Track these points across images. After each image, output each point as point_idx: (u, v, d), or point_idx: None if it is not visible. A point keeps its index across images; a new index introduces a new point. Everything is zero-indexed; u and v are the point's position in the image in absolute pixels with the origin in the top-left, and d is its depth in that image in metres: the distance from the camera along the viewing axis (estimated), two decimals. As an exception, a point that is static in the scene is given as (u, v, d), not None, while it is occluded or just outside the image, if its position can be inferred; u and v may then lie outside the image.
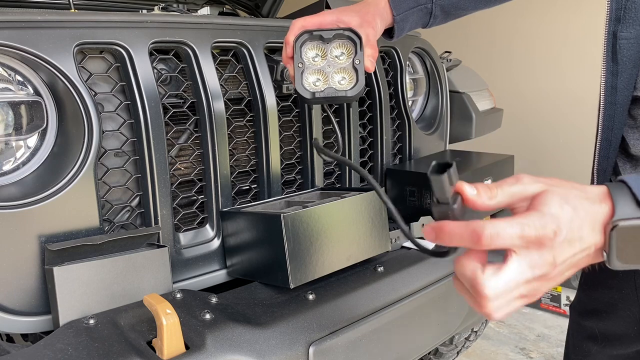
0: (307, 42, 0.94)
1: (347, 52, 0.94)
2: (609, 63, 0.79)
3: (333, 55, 0.94)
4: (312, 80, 0.94)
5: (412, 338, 1.25)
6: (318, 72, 0.94)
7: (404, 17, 1.01)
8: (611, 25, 0.78)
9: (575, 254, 0.57)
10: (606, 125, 0.81)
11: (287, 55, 0.94)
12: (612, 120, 0.80)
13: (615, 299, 0.93)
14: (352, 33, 0.92)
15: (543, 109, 3.22)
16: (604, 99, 0.80)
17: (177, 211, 1.18)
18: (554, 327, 2.77)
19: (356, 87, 0.93)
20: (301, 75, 0.93)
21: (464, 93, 1.88)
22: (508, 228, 0.55)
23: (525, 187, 0.59)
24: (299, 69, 0.93)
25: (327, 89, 0.93)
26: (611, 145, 0.82)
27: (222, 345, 0.92)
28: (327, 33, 0.93)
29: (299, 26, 0.93)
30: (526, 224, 0.55)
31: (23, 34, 0.92)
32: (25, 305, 0.96)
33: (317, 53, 0.94)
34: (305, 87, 0.93)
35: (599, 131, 0.82)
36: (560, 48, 3.08)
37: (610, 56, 0.78)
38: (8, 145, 0.97)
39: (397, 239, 1.38)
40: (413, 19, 1.02)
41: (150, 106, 1.06)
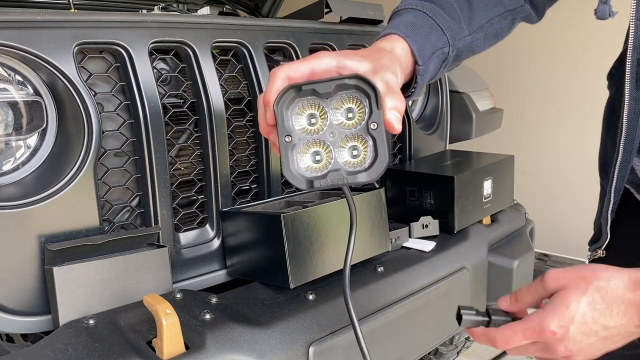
0: (295, 102, 0.63)
1: (357, 111, 0.64)
2: (632, 90, 0.79)
3: (337, 117, 0.64)
4: (308, 159, 0.64)
5: (412, 338, 1.25)
6: (316, 145, 0.64)
7: (427, 67, 0.80)
8: (636, 52, 0.78)
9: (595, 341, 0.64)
10: (626, 149, 0.82)
11: (268, 123, 0.64)
12: (632, 143, 0.81)
13: None
14: (362, 82, 0.62)
15: (543, 109, 3.22)
16: (627, 124, 0.80)
17: (177, 211, 1.18)
18: (554, 327, 2.76)
19: (376, 165, 0.62)
20: (290, 155, 0.62)
21: (464, 93, 1.88)
22: (513, 335, 0.66)
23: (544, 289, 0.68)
24: (286, 144, 0.62)
25: (331, 172, 0.63)
26: (628, 165, 0.83)
27: (222, 345, 0.92)
28: (323, 85, 0.62)
29: (281, 78, 0.64)
30: (526, 328, 0.65)
31: (23, 33, 0.92)
32: (25, 305, 0.96)
33: (313, 117, 0.64)
34: (297, 171, 0.63)
35: (620, 153, 0.83)
36: (560, 48, 3.08)
37: (635, 83, 0.78)
38: (8, 145, 0.97)
39: (397, 239, 1.38)
40: (432, 67, 0.81)
41: (150, 106, 1.06)
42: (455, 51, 0.84)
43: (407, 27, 0.78)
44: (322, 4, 1.50)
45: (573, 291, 0.63)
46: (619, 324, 0.63)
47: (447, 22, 0.81)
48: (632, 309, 0.62)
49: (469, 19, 0.85)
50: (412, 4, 0.83)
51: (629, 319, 0.62)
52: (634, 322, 0.63)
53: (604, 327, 0.63)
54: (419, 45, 0.77)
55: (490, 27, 0.88)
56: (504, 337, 0.66)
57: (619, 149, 0.82)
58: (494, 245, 1.52)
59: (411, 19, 0.80)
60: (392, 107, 0.63)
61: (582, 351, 0.65)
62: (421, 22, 0.80)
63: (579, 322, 0.62)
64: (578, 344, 0.64)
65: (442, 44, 0.81)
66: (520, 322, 0.66)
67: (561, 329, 0.62)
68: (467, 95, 1.87)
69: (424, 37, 0.78)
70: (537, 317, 0.64)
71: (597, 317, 0.62)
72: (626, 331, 0.63)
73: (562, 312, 0.63)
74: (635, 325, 0.63)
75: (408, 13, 0.82)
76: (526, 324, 0.65)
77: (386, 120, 0.62)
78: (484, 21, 0.87)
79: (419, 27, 0.79)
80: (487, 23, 0.87)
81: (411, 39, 0.76)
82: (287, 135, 0.62)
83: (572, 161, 3.08)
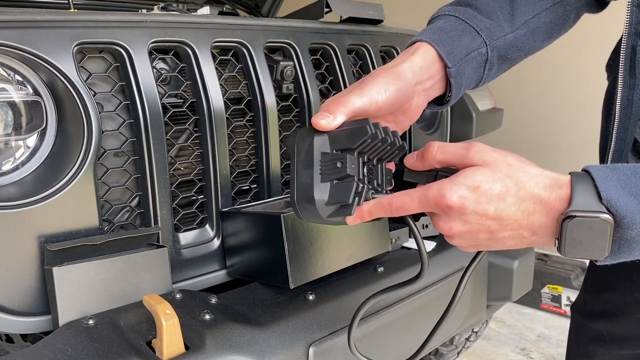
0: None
1: None
2: (626, 77, 0.78)
3: None
4: None
5: (412, 338, 1.24)
6: None
7: (460, 69, 0.78)
8: (630, 39, 0.77)
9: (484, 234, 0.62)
10: (620, 136, 0.80)
11: None
12: (626, 131, 0.79)
13: (627, 301, 0.92)
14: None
15: (543, 109, 3.22)
16: (619, 112, 0.79)
17: (177, 211, 1.18)
18: (554, 328, 2.76)
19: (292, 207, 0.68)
20: None
21: (464, 93, 1.87)
22: (409, 201, 0.63)
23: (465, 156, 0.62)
24: None
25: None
26: (622, 154, 0.81)
27: (221, 345, 0.92)
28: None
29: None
30: (424, 194, 0.62)
31: (23, 33, 0.92)
32: (24, 305, 0.96)
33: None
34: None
35: (612, 142, 0.81)
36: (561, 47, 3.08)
37: (628, 70, 0.77)
38: (7, 145, 0.97)
39: (397, 239, 1.38)
40: (469, 71, 0.80)
41: (150, 106, 1.06)
42: (495, 51, 0.82)
43: (434, 33, 0.78)
44: (322, 3, 1.50)
45: (492, 173, 0.59)
46: (516, 224, 0.60)
47: (482, 22, 0.80)
48: (540, 210, 0.59)
49: (510, 17, 0.83)
50: (444, 10, 0.83)
51: (529, 222, 0.60)
52: (531, 228, 0.60)
53: (500, 219, 0.60)
54: (447, 48, 0.76)
55: (537, 22, 0.85)
56: (400, 201, 0.63)
57: (612, 137, 0.81)
58: (494, 246, 1.52)
59: (441, 24, 0.80)
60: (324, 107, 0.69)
61: (464, 235, 0.62)
62: (452, 26, 0.79)
63: (481, 206, 0.59)
64: (467, 225, 0.61)
65: (477, 45, 0.80)
66: (420, 189, 0.62)
67: (460, 202, 0.59)
68: (467, 95, 1.87)
69: (455, 40, 0.78)
70: (439, 184, 0.61)
71: (500, 208, 0.59)
72: (518, 234, 0.61)
73: (469, 188, 0.59)
74: (531, 232, 0.60)
75: (439, 20, 0.82)
76: (425, 190, 0.62)
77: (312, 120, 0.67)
78: (528, 16, 0.84)
79: (448, 31, 0.78)
80: (532, 18, 0.84)
81: (438, 43, 0.76)
82: None
83: (573, 161, 3.08)
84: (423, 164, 0.66)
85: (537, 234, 0.61)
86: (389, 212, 0.65)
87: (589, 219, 0.57)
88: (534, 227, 0.60)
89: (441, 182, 0.61)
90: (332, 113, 0.67)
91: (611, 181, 0.58)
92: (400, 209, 0.64)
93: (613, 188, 0.57)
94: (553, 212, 0.59)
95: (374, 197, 0.66)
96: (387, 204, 0.64)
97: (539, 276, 2.86)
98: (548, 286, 2.89)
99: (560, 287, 2.84)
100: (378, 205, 0.65)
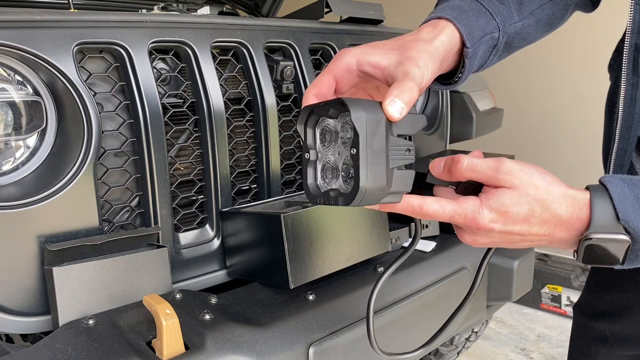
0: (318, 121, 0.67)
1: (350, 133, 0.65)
2: (629, 75, 0.78)
3: (343, 137, 0.66)
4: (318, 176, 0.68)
5: (412, 338, 1.24)
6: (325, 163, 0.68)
7: (475, 51, 0.76)
8: (633, 37, 0.77)
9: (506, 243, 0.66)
10: (623, 135, 0.80)
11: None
12: (629, 130, 0.79)
13: (631, 301, 0.91)
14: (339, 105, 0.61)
15: (544, 109, 3.22)
16: (623, 111, 0.79)
17: (177, 211, 1.18)
18: (554, 328, 2.76)
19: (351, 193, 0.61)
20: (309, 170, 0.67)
21: (464, 93, 1.88)
22: (440, 212, 0.63)
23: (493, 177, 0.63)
24: (305, 161, 0.68)
25: (330, 191, 0.65)
26: (626, 153, 0.81)
27: (221, 345, 0.92)
28: (320, 108, 0.65)
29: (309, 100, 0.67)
30: (458, 213, 0.63)
31: (22, 33, 0.92)
32: (24, 305, 0.96)
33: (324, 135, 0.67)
34: (310, 186, 0.67)
35: (616, 141, 0.81)
36: (561, 47, 3.08)
37: (632, 68, 0.77)
38: (7, 145, 0.96)
39: (397, 239, 1.38)
40: (481, 52, 0.78)
41: (150, 106, 1.06)
42: (505, 37, 0.81)
43: (454, 11, 0.75)
44: (322, 3, 1.50)
45: (519, 197, 0.62)
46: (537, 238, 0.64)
47: (496, 6, 0.79)
48: (562, 229, 0.63)
49: (518, 5, 0.83)
50: None
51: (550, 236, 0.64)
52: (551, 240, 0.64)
53: (523, 235, 0.64)
54: (467, 28, 0.75)
55: (541, 13, 0.86)
56: (431, 209, 0.64)
57: (615, 136, 0.81)
58: (494, 246, 1.52)
59: (458, 3, 0.77)
60: (395, 95, 0.61)
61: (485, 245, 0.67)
62: (469, 6, 0.77)
63: (507, 227, 0.63)
64: (490, 239, 0.65)
65: (491, 29, 0.78)
66: (453, 204, 0.64)
67: (489, 225, 0.62)
68: (467, 95, 1.87)
69: (472, 20, 0.76)
70: (474, 206, 0.63)
71: (524, 228, 0.63)
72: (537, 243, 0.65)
73: (498, 212, 0.62)
74: (549, 242, 0.65)
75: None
76: (459, 209, 0.63)
77: (384, 108, 0.60)
78: (534, 6, 0.84)
79: (466, 11, 0.76)
80: (538, 8, 0.85)
81: (459, 21, 0.74)
82: (306, 152, 0.67)
83: (573, 161, 3.08)
84: (449, 177, 0.67)
85: (555, 243, 0.66)
86: (415, 214, 0.65)
87: (606, 241, 0.61)
88: (554, 240, 0.65)
89: (473, 205, 0.63)
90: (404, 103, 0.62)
91: (628, 199, 0.61)
92: (428, 215, 0.65)
93: (630, 207, 0.61)
94: (573, 231, 0.63)
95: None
96: (417, 206, 0.64)
97: (539, 276, 2.87)
98: (548, 286, 2.89)
99: (560, 287, 2.84)
100: (407, 203, 0.65)
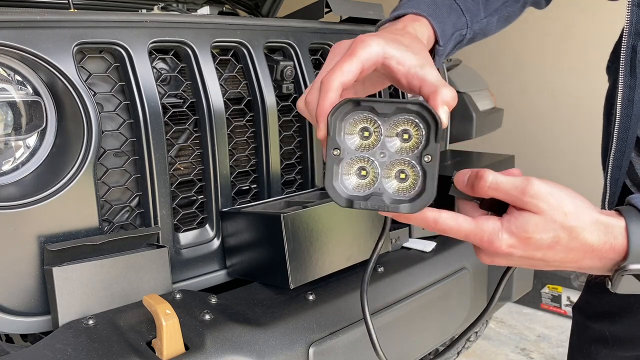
0: (350, 114, 0.59)
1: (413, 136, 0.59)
2: (626, 77, 0.77)
3: (391, 138, 0.59)
4: (353, 177, 0.60)
5: (412, 338, 1.24)
6: (364, 163, 0.60)
7: (446, 48, 0.77)
8: (630, 38, 0.76)
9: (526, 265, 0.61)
10: (621, 137, 0.80)
11: (319, 135, 0.60)
12: (627, 132, 0.79)
13: (631, 302, 0.91)
14: (425, 110, 0.58)
15: (544, 109, 3.22)
16: (620, 112, 0.79)
17: (177, 211, 1.18)
18: (554, 328, 2.76)
19: (421, 200, 0.58)
20: (335, 169, 0.59)
21: (464, 93, 1.88)
22: (456, 230, 0.59)
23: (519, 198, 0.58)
24: (334, 158, 0.59)
25: (373, 195, 0.59)
26: (624, 155, 0.81)
27: (221, 345, 0.92)
28: (383, 106, 0.58)
29: (335, 88, 0.59)
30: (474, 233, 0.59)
31: (22, 33, 0.92)
32: (24, 305, 0.96)
33: (367, 131, 0.60)
34: (339, 187, 0.59)
35: (614, 142, 0.81)
36: (561, 48, 3.08)
37: (629, 70, 0.77)
38: (7, 145, 0.96)
39: (397, 239, 1.38)
40: (449, 48, 0.79)
41: (150, 106, 1.06)
42: (471, 34, 0.81)
43: (429, 6, 0.74)
44: (322, 3, 1.50)
45: (545, 223, 0.57)
46: (562, 265, 0.60)
47: (467, 3, 0.79)
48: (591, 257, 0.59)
49: (485, 2, 0.83)
50: None
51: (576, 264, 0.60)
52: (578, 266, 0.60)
53: (546, 261, 0.60)
54: (441, 26, 0.74)
55: (503, 10, 0.86)
56: (446, 225, 0.59)
57: (613, 137, 0.81)
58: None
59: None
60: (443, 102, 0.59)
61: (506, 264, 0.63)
62: (442, 1, 0.76)
63: (528, 253, 0.58)
64: (510, 262, 0.61)
65: (461, 25, 0.78)
66: (471, 223, 0.59)
67: (508, 250, 0.58)
68: (467, 95, 1.87)
69: (445, 16, 0.75)
70: (493, 228, 0.58)
71: (548, 255, 0.59)
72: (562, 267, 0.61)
73: (520, 239, 0.57)
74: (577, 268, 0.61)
75: None
76: (476, 229, 0.58)
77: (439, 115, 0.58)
78: (498, 4, 0.85)
79: (440, 6, 0.75)
80: (501, 5, 0.85)
81: (434, 18, 0.73)
82: (335, 148, 0.59)
83: (573, 161, 3.08)
84: (472, 192, 0.62)
85: (584, 269, 0.61)
86: (429, 227, 0.61)
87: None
88: (582, 267, 0.61)
89: (493, 227, 0.58)
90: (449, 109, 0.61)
91: None
92: (442, 231, 0.61)
93: None
94: (605, 260, 0.59)
95: None
96: (432, 220, 0.60)
97: (539, 276, 2.87)
98: (548, 286, 2.89)
99: (560, 287, 2.84)
100: (421, 216, 0.61)
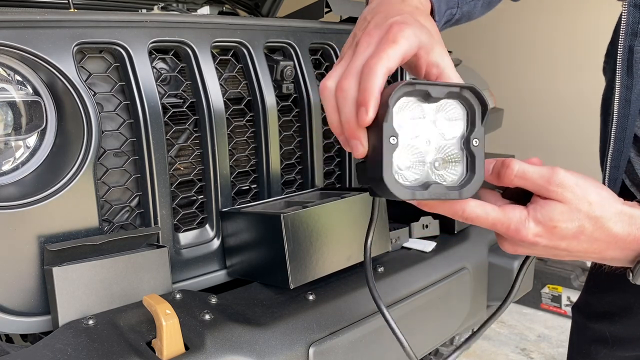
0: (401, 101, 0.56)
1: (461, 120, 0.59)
2: (623, 77, 0.78)
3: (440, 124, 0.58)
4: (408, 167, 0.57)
5: (412, 338, 1.24)
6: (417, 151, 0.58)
7: (439, 24, 0.78)
8: (627, 39, 0.77)
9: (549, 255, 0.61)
10: (618, 137, 0.80)
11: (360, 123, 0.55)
12: (625, 131, 0.79)
13: (631, 302, 0.92)
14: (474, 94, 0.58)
15: (543, 109, 3.22)
16: (617, 112, 0.79)
17: (177, 211, 1.18)
18: (554, 328, 2.76)
19: (471, 184, 0.57)
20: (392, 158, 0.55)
21: (464, 93, 1.87)
22: (483, 218, 0.59)
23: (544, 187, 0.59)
24: (391, 146, 0.54)
25: (433, 185, 0.57)
26: (622, 154, 0.81)
27: (221, 345, 0.92)
28: (438, 89, 0.56)
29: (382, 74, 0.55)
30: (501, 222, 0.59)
31: (22, 33, 0.92)
32: (24, 305, 0.96)
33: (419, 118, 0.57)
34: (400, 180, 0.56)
35: (611, 142, 0.81)
36: (561, 48, 3.08)
37: (626, 70, 0.77)
38: (7, 145, 0.96)
39: (397, 239, 1.38)
40: (440, 25, 0.79)
41: (150, 106, 1.06)
42: (459, 15, 0.82)
43: None
44: (322, 3, 1.50)
45: (570, 212, 0.57)
46: (585, 255, 0.61)
47: None
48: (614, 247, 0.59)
49: None
50: None
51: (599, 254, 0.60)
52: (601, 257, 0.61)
53: (569, 251, 0.60)
54: (438, 1, 0.75)
55: None
56: (473, 214, 0.59)
57: (611, 137, 0.81)
58: (494, 246, 1.52)
59: None
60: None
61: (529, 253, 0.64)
62: None
63: (553, 242, 0.59)
64: (533, 251, 0.62)
65: (452, 4, 0.80)
66: (498, 211, 0.59)
67: (534, 239, 0.58)
68: (468, 95, 1.87)
69: None
70: (520, 217, 0.58)
71: (572, 245, 0.59)
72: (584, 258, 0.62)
73: (545, 227, 0.58)
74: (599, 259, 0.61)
75: None
76: (504, 217, 0.59)
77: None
78: None
79: None
80: None
81: None
82: (392, 136, 0.54)
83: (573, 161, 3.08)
84: (498, 181, 0.62)
85: (606, 260, 0.62)
86: (456, 216, 0.61)
87: None
88: (605, 257, 0.61)
89: (520, 215, 0.59)
90: None
91: None
92: (469, 220, 0.61)
93: None
94: (628, 251, 0.60)
95: None
96: (459, 208, 0.60)
97: (539, 276, 2.87)
98: (548, 286, 2.89)
99: (560, 287, 2.84)
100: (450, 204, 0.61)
